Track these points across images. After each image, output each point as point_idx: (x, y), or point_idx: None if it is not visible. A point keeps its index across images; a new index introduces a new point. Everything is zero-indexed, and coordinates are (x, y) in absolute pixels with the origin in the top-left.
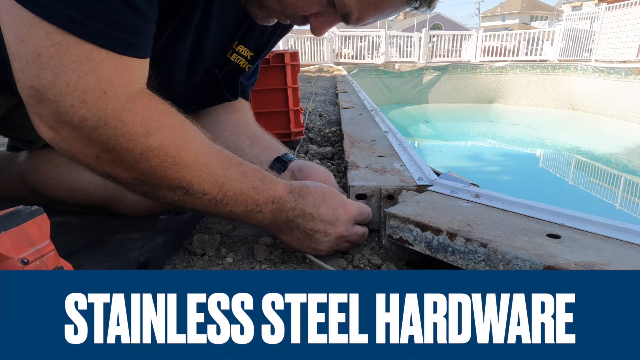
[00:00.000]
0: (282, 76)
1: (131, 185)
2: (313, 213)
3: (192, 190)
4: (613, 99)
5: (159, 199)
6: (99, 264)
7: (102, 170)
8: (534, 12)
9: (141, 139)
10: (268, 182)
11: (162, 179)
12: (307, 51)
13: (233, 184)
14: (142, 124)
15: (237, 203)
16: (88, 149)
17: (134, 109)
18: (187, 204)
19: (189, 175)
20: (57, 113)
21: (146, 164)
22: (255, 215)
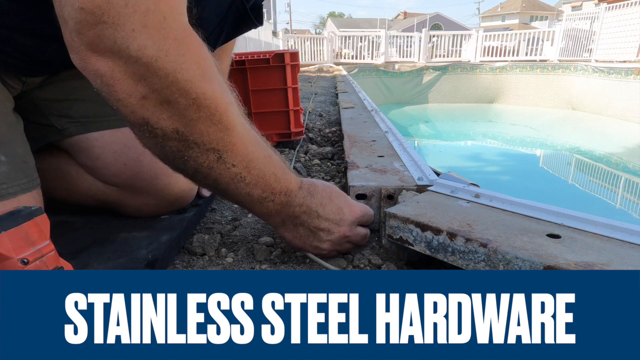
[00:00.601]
0: (282, 76)
1: (165, 137)
2: (319, 211)
3: (225, 157)
4: (613, 99)
5: (185, 163)
6: (106, 262)
7: (142, 115)
8: (534, 12)
9: (198, 81)
10: (285, 173)
11: (203, 135)
12: (307, 51)
13: (258, 164)
14: (198, 65)
15: (257, 185)
16: (138, 86)
17: (190, 45)
18: (212, 174)
19: (228, 139)
20: (114, 39)
21: (196, 112)
22: (267, 203)
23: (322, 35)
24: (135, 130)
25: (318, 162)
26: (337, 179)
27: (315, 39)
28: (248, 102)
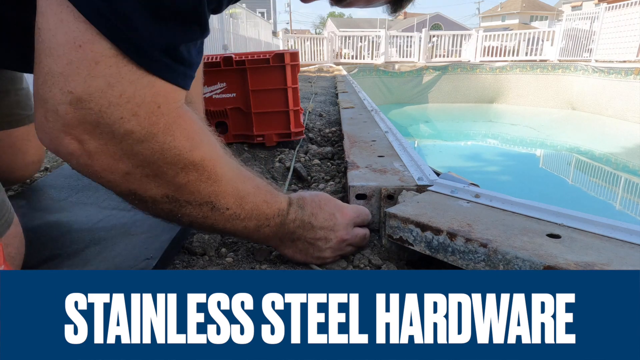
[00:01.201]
0: (282, 76)
1: (156, 202)
2: (312, 222)
3: (218, 205)
4: (613, 99)
5: (180, 219)
6: (107, 262)
7: (127, 187)
8: (534, 12)
9: (186, 153)
10: (275, 195)
11: (194, 194)
12: (307, 51)
13: (250, 198)
14: (188, 139)
15: (251, 217)
16: (119, 164)
17: (182, 124)
18: (207, 222)
19: (219, 189)
20: (97, 124)
21: (184, 178)
22: (262, 230)
23: (322, 35)
24: (124, 198)
25: (318, 162)
26: (337, 179)
27: (315, 39)
28: (248, 102)
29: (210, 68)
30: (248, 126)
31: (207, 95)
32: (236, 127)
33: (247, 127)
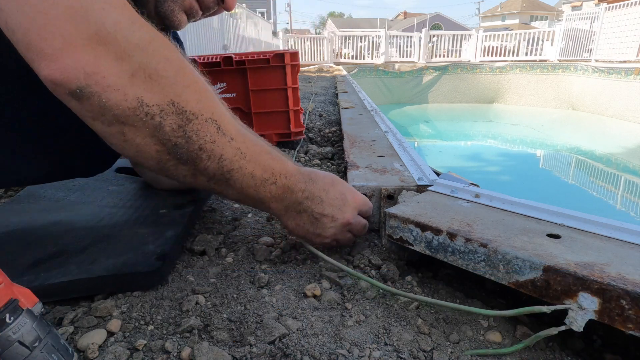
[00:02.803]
0: (282, 76)
1: (164, 113)
2: (322, 197)
3: (223, 127)
4: (613, 99)
5: (189, 140)
6: (115, 257)
7: (135, 94)
8: (534, 12)
9: (175, 52)
10: (276, 153)
11: (198, 103)
12: (307, 51)
13: (252, 140)
14: (169, 41)
15: (258, 163)
16: (122, 64)
17: (156, 28)
18: (216, 151)
19: (220, 110)
20: (84, 20)
21: (184, 77)
22: (269, 186)
23: (322, 35)
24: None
25: (318, 162)
26: None
27: (315, 39)
28: (248, 102)
29: (210, 68)
30: (248, 126)
31: None
32: None
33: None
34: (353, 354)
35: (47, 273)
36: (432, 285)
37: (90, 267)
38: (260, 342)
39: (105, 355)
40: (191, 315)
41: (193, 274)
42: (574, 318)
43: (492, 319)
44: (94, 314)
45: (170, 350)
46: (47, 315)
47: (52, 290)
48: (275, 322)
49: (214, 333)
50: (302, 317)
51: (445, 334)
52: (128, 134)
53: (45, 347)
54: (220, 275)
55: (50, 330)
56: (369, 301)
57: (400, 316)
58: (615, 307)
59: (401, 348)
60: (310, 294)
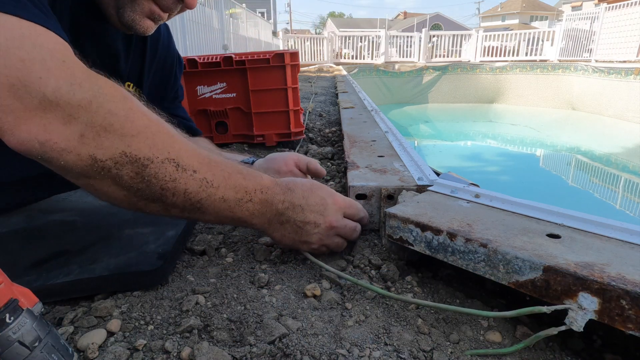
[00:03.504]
0: (282, 76)
1: (119, 165)
2: (302, 204)
3: (182, 163)
4: (613, 99)
5: (149, 185)
6: (116, 257)
7: (87, 152)
8: (534, 12)
9: (120, 101)
10: (251, 172)
11: (151, 148)
12: (307, 51)
13: (219, 165)
14: (116, 89)
15: (228, 186)
16: (70, 127)
17: (99, 76)
18: (179, 188)
19: (177, 146)
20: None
21: (132, 125)
22: (246, 204)
23: (322, 35)
24: (92, 178)
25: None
26: (337, 179)
27: (315, 39)
28: (248, 102)
29: (210, 68)
30: (248, 126)
31: (207, 95)
32: (236, 127)
33: (247, 127)
34: (353, 354)
35: (48, 273)
36: (432, 285)
37: (92, 266)
38: (260, 342)
39: (105, 355)
40: (191, 315)
41: (193, 274)
42: (574, 318)
43: (492, 319)
44: (94, 314)
45: (170, 350)
46: (47, 315)
47: (53, 290)
48: (275, 322)
49: (214, 333)
50: (302, 317)
51: (445, 334)
52: (95, 185)
53: (45, 347)
54: (220, 275)
55: (50, 330)
56: (369, 301)
57: (400, 316)
58: (615, 307)
59: (401, 348)
60: (310, 294)
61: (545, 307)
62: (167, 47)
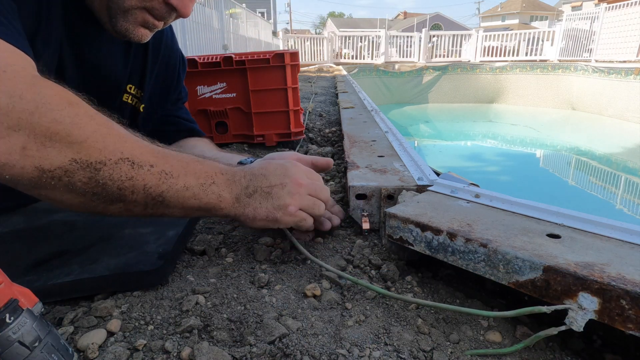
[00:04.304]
0: (282, 76)
1: (69, 173)
2: (264, 172)
3: (137, 160)
4: (613, 99)
5: (105, 189)
6: (117, 257)
7: (32, 164)
8: (534, 12)
9: (66, 109)
10: (205, 159)
11: (102, 152)
12: (307, 51)
13: (175, 157)
14: (61, 96)
15: (188, 174)
16: (10, 140)
17: (45, 84)
18: (138, 186)
19: (129, 145)
20: None
21: (80, 132)
22: (210, 187)
23: (322, 35)
24: (43, 189)
25: None
26: (337, 179)
27: (315, 39)
28: (248, 102)
29: (210, 68)
30: (248, 126)
31: (207, 95)
32: (236, 127)
33: (247, 127)
34: (353, 354)
35: (49, 273)
36: (432, 285)
37: (92, 266)
38: (260, 342)
39: (105, 355)
40: (191, 315)
41: (193, 274)
42: (574, 318)
43: (492, 319)
44: (94, 314)
45: (170, 350)
46: (47, 315)
47: (53, 290)
48: (275, 322)
49: (214, 333)
50: (302, 317)
51: (445, 334)
52: (48, 195)
53: (45, 347)
54: (220, 275)
55: (50, 330)
56: (369, 301)
57: (400, 316)
58: (615, 307)
59: (401, 348)
60: (310, 294)
61: (545, 307)
62: (171, 47)
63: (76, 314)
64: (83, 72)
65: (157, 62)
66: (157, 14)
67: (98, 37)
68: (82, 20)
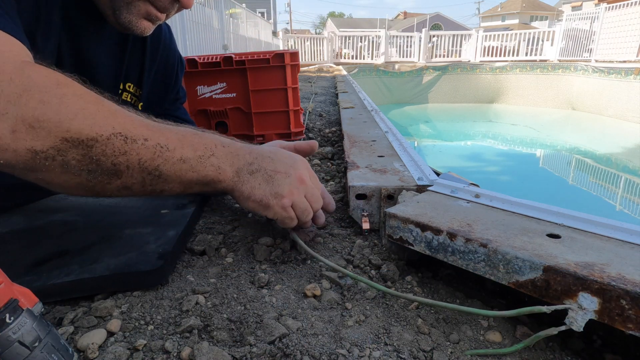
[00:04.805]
0: (282, 76)
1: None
2: (272, 156)
3: (130, 134)
4: (613, 99)
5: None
6: (117, 257)
7: (24, 146)
8: (534, 12)
9: (53, 89)
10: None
11: (92, 128)
12: (307, 51)
13: (172, 130)
14: (49, 78)
15: (185, 146)
16: (1, 123)
17: (34, 68)
18: (132, 161)
19: (121, 120)
20: None
21: (68, 110)
22: (209, 159)
23: (322, 35)
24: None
25: (318, 162)
26: (337, 179)
27: (315, 39)
28: (248, 102)
29: (210, 68)
30: (248, 126)
31: (207, 95)
32: (236, 127)
33: (247, 127)
34: (353, 354)
35: (49, 273)
36: (432, 285)
37: (92, 266)
38: (260, 342)
39: (105, 355)
40: (191, 315)
41: (193, 274)
42: (574, 318)
43: (492, 319)
44: (94, 314)
45: (170, 350)
46: (47, 315)
47: (53, 290)
48: (275, 322)
49: (214, 333)
50: (302, 317)
51: (445, 334)
52: (45, 177)
53: (45, 347)
54: (220, 275)
55: (50, 330)
56: (369, 301)
57: (400, 316)
58: (615, 307)
59: (401, 348)
60: (310, 294)
61: (545, 307)
62: (169, 47)
63: (76, 314)
64: (80, 67)
65: (155, 60)
66: (160, 5)
67: (96, 33)
68: (82, 15)
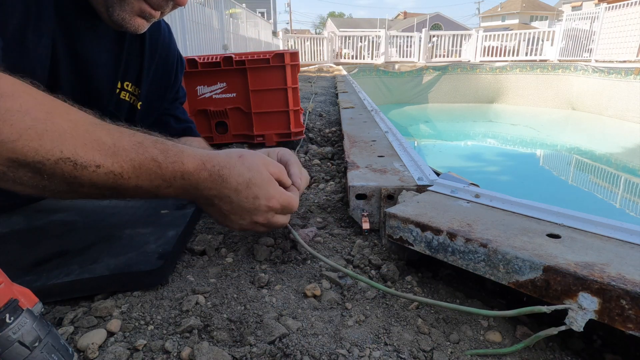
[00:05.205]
0: (282, 76)
1: (12, 170)
2: (232, 197)
3: (81, 161)
4: (613, 99)
5: (52, 181)
6: (117, 257)
7: None
8: (534, 12)
9: None
10: (172, 155)
11: (38, 152)
12: (307, 51)
13: (128, 154)
14: None
15: (140, 177)
16: None
17: None
18: (85, 183)
19: (70, 143)
20: None
21: (11, 129)
22: (164, 190)
23: (322, 35)
24: None
25: (318, 162)
26: (337, 179)
27: (315, 39)
28: (248, 102)
29: (210, 68)
30: (248, 126)
31: (207, 95)
32: (236, 127)
33: (247, 127)
34: (353, 354)
35: (49, 273)
36: (432, 285)
37: (92, 266)
38: (260, 342)
39: (105, 355)
40: (191, 315)
41: (193, 274)
42: (574, 318)
43: (492, 319)
44: (94, 314)
45: (170, 350)
46: (47, 315)
47: (53, 290)
48: (275, 322)
49: (214, 333)
50: (302, 317)
51: (445, 334)
52: (6, 187)
53: (45, 347)
54: (220, 275)
55: (50, 330)
56: (369, 301)
57: (400, 316)
58: (615, 307)
59: (401, 348)
60: (310, 294)
61: (545, 307)
62: (168, 46)
63: (76, 314)
64: (76, 66)
65: (154, 59)
66: (153, 2)
67: (91, 31)
68: (76, 13)
